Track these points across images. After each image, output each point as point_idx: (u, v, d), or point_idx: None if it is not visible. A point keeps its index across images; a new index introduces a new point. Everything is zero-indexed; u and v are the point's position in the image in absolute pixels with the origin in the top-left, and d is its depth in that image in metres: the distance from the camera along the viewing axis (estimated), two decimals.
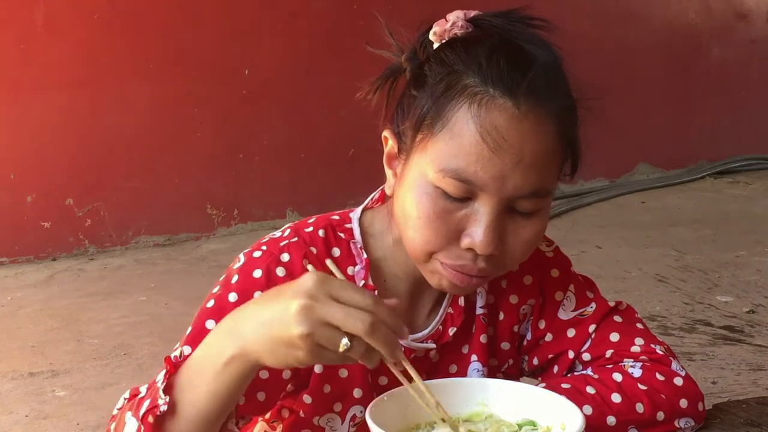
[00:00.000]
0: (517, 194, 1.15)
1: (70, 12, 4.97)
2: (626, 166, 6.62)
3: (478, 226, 1.16)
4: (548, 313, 1.37)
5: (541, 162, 1.16)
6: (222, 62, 5.33)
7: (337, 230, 1.30)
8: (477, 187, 1.15)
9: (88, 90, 5.04)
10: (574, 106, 1.22)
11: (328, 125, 5.60)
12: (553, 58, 1.21)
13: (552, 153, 1.17)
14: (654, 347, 1.35)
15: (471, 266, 1.19)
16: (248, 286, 1.22)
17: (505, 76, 1.15)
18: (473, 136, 1.14)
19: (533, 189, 1.16)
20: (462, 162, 1.14)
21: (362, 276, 1.27)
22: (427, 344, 1.31)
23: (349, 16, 5.54)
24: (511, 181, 1.14)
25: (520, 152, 1.14)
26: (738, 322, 3.89)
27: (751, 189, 6.45)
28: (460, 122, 1.15)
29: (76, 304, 4.32)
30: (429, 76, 1.20)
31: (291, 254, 1.25)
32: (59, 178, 5.04)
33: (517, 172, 1.14)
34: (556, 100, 1.18)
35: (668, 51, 6.68)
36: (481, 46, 1.19)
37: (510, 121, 1.14)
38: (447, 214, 1.17)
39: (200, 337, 1.15)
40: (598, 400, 1.28)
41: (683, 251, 4.93)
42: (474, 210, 1.17)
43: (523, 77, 1.15)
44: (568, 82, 1.23)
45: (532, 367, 1.41)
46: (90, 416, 3.19)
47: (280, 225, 5.65)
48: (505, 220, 1.18)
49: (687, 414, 1.31)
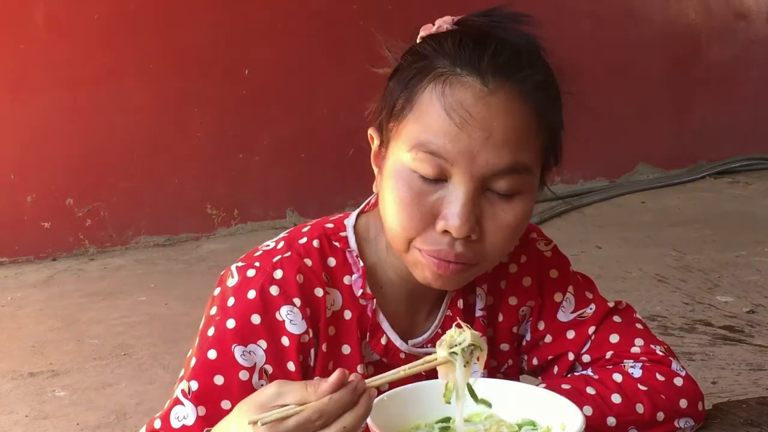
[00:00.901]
0: (489, 171, 1.15)
1: (70, 12, 4.96)
2: (626, 166, 6.61)
3: (452, 207, 1.16)
4: (547, 315, 1.37)
5: (514, 138, 1.15)
6: (222, 62, 5.33)
7: (332, 239, 1.29)
8: (448, 162, 1.15)
9: (88, 90, 5.04)
10: (553, 89, 1.22)
11: (328, 125, 5.60)
12: (526, 42, 1.21)
13: (525, 130, 1.16)
14: (654, 348, 1.35)
15: (448, 251, 1.18)
16: (244, 310, 1.23)
17: (470, 54, 1.17)
18: (438, 113, 1.15)
19: (507, 165, 1.15)
20: (431, 136, 1.15)
21: (360, 285, 1.28)
22: (428, 349, 1.31)
23: (349, 16, 5.54)
24: (482, 157, 1.14)
25: (489, 128, 1.14)
26: (738, 322, 3.89)
27: (751, 189, 6.45)
28: (425, 101, 1.16)
29: (76, 304, 4.31)
30: (403, 65, 1.23)
31: (284, 270, 1.25)
32: (59, 178, 5.04)
33: (487, 147, 1.14)
34: (528, 78, 1.17)
35: (668, 51, 6.68)
36: (453, 34, 1.21)
37: (477, 97, 1.15)
38: (422, 196, 1.17)
39: (205, 370, 1.19)
40: (598, 400, 1.28)
41: (683, 251, 4.93)
42: (448, 191, 1.16)
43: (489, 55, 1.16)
44: (547, 66, 1.22)
45: (532, 367, 1.41)
46: (90, 416, 3.19)
47: (280, 225, 5.61)
48: (482, 202, 1.17)
49: (687, 414, 1.31)
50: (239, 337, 1.22)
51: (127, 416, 3.18)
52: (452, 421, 1.17)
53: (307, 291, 1.25)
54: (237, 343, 1.22)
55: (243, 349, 1.21)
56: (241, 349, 1.21)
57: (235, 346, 1.22)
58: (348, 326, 1.28)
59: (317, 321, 1.25)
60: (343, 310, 1.28)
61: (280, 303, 1.23)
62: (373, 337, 1.29)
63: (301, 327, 1.23)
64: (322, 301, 1.26)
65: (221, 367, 1.21)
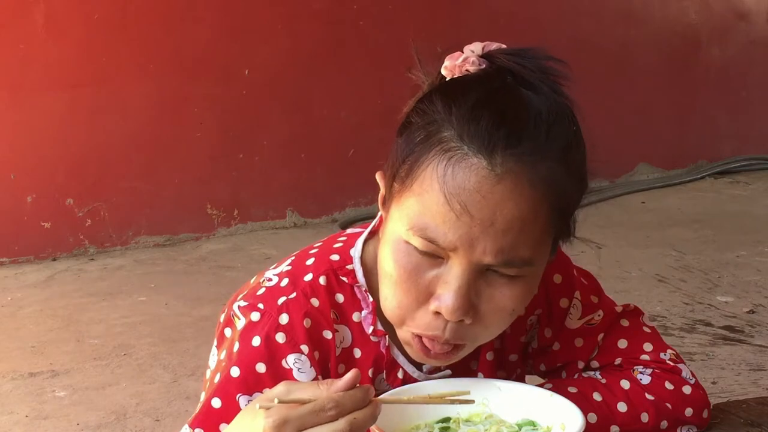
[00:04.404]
0: (487, 260, 1.07)
1: (70, 12, 4.96)
2: (626, 166, 6.61)
3: (447, 288, 1.09)
4: (555, 322, 1.34)
5: (518, 229, 1.06)
6: (222, 62, 5.33)
7: (339, 274, 1.23)
8: (445, 249, 1.08)
9: (88, 90, 5.04)
10: (575, 158, 1.11)
11: (329, 125, 5.60)
12: (557, 112, 1.10)
13: (532, 221, 1.07)
14: (663, 357, 1.33)
15: (439, 335, 1.12)
16: (249, 359, 1.18)
17: (483, 132, 1.05)
18: (438, 197, 1.06)
19: (506, 258, 1.07)
20: (429, 221, 1.07)
21: (370, 321, 1.22)
22: (442, 372, 1.26)
23: (349, 16, 5.54)
24: (480, 246, 1.06)
25: (491, 217, 1.05)
26: (738, 322, 3.89)
27: (751, 189, 6.45)
28: (427, 180, 1.07)
29: (76, 304, 4.31)
30: (413, 122, 1.12)
31: (291, 315, 1.19)
32: (59, 178, 5.04)
33: (487, 237, 1.06)
34: (546, 163, 1.07)
35: (668, 51, 6.68)
36: (470, 93, 1.09)
37: (481, 182, 1.05)
38: (418, 273, 1.10)
39: (209, 418, 1.17)
40: (603, 408, 1.26)
41: (683, 251, 4.93)
42: (446, 270, 1.09)
43: (505, 134, 1.05)
44: (571, 131, 1.11)
45: (539, 372, 1.38)
46: (90, 416, 3.19)
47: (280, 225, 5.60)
48: (479, 284, 1.10)
49: (690, 422, 1.30)
50: (244, 386, 1.18)
51: (127, 416, 3.18)
52: (452, 421, 1.17)
53: (315, 335, 1.19)
54: (242, 393, 1.18)
55: (248, 398, 1.17)
56: (246, 398, 1.17)
57: (240, 395, 1.18)
58: (359, 364, 1.23)
59: (326, 362, 1.21)
60: (352, 348, 1.23)
61: (287, 351, 1.18)
62: (389, 374, 1.24)
63: (309, 374, 1.19)
64: (332, 343, 1.21)
65: (225, 415, 1.17)
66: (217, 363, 1.23)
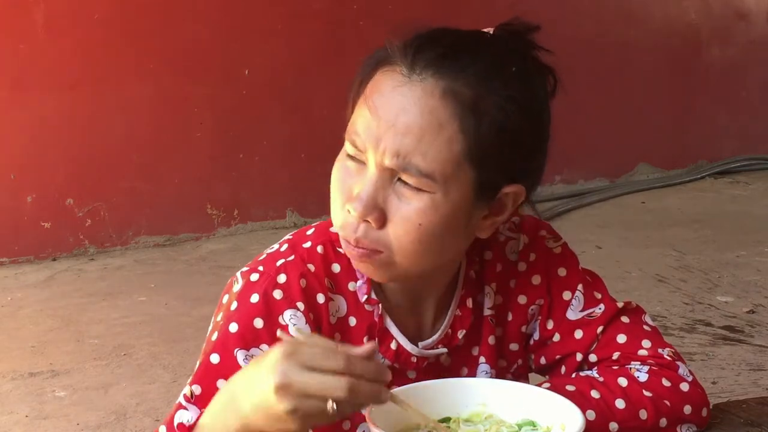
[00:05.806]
0: (387, 162, 1.14)
1: (70, 12, 4.96)
2: (626, 166, 6.61)
3: (357, 187, 1.17)
4: (556, 313, 1.35)
5: (417, 136, 1.13)
6: (222, 62, 5.33)
7: (336, 245, 1.27)
8: (362, 152, 1.16)
9: (88, 90, 5.04)
10: (500, 105, 1.15)
11: (329, 125, 5.54)
12: (503, 52, 1.18)
13: (434, 132, 1.13)
14: (662, 352, 1.33)
15: (352, 228, 1.17)
16: (247, 315, 1.22)
17: (414, 47, 1.15)
18: (363, 100, 1.17)
19: (403, 162, 1.13)
20: (356, 125, 1.17)
21: (364, 291, 1.26)
22: (439, 350, 1.29)
23: (349, 16, 5.54)
24: (382, 146, 1.14)
25: (393, 118, 1.13)
26: (738, 322, 3.89)
27: (751, 189, 6.45)
28: (365, 93, 1.18)
29: (76, 304, 4.31)
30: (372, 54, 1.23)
31: (288, 274, 1.23)
32: (59, 178, 5.04)
33: (388, 137, 1.13)
34: (466, 84, 1.14)
35: (668, 51, 6.67)
36: (435, 31, 1.20)
37: (394, 85, 1.14)
38: (345, 179, 1.19)
39: (207, 374, 1.19)
40: (602, 405, 1.27)
41: (683, 251, 4.93)
42: (363, 173, 1.17)
43: (435, 53, 1.14)
44: (519, 86, 1.17)
45: (539, 366, 1.39)
46: (90, 416, 3.19)
47: (280, 225, 5.61)
48: (388, 191, 1.16)
49: (690, 420, 1.30)
50: (242, 341, 1.21)
51: (127, 416, 3.18)
52: (452, 421, 1.17)
53: (310, 296, 1.24)
54: (239, 347, 1.21)
55: (246, 353, 1.20)
56: (244, 353, 1.20)
57: (238, 350, 1.21)
58: (354, 333, 1.26)
59: (320, 327, 1.24)
60: (348, 316, 1.27)
61: (284, 307, 1.22)
62: (382, 343, 1.27)
63: (305, 330, 1.22)
64: (324, 308, 1.24)
65: (224, 371, 1.20)
66: (214, 325, 1.26)
